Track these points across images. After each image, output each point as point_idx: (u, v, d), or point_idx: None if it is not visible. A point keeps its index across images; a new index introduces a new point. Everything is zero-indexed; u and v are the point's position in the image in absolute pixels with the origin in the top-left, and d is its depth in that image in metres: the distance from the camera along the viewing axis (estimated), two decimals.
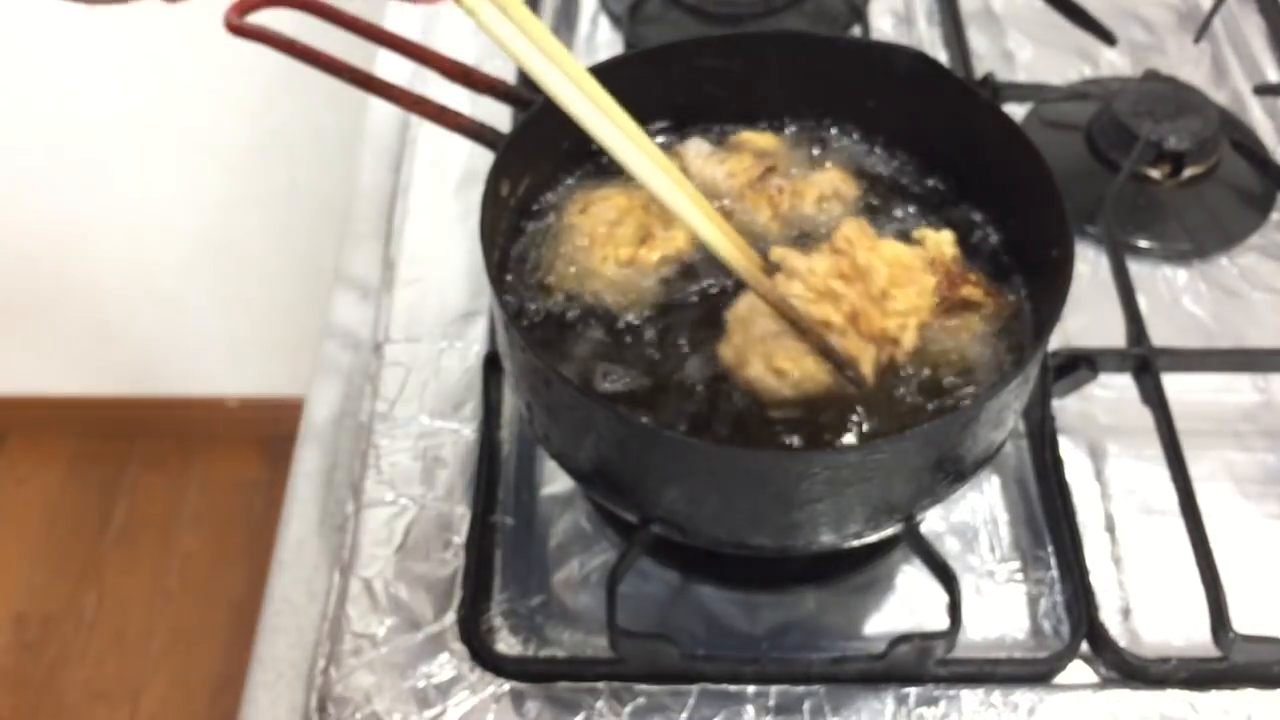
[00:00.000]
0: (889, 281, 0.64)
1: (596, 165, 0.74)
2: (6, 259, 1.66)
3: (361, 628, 0.67)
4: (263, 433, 1.83)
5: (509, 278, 0.69)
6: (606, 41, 1.02)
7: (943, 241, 0.68)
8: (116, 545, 1.83)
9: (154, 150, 1.53)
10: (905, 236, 0.69)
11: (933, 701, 0.64)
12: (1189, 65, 1.00)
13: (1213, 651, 0.65)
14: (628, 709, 0.64)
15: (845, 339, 0.63)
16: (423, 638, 0.66)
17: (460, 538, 0.70)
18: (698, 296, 0.67)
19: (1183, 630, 0.68)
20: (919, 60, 0.72)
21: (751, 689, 0.64)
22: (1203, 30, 1.03)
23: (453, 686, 0.65)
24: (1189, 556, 0.66)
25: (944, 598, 0.64)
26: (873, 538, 0.63)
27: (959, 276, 0.67)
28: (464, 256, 0.85)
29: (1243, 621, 0.65)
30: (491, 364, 0.76)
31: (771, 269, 0.65)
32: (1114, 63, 1.01)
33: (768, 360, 0.62)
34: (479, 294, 0.82)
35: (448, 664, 0.65)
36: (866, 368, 0.62)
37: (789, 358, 0.62)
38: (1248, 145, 0.91)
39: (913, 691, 0.64)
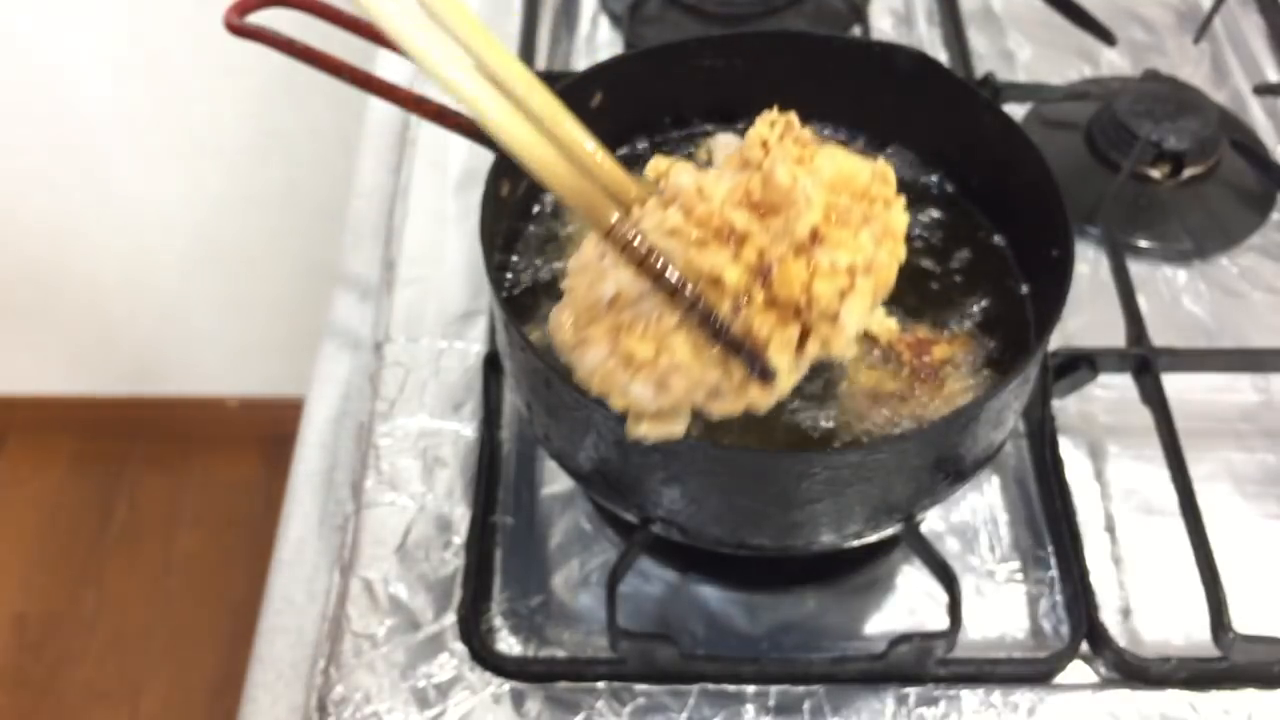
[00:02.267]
0: (826, 216, 0.43)
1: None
2: (6, 259, 1.66)
3: (361, 628, 0.67)
4: (263, 433, 1.83)
5: (509, 277, 0.69)
6: (606, 41, 1.02)
7: (882, 321, 0.63)
8: (116, 545, 1.83)
9: (154, 150, 1.53)
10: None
11: (933, 701, 0.64)
12: (1189, 65, 1.00)
13: (1213, 651, 0.65)
14: (628, 709, 0.64)
15: (749, 308, 0.43)
16: (423, 638, 0.66)
17: (460, 538, 0.70)
18: None
19: (1183, 630, 0.68)
20: (919, 60, 0.72)
21: (751, 689, 0.64)
22: (1203, 30, 1.03)
23: (453, 686, 0.65)
24: (1189, 557, 0.66)
25: (944, 598, 0.64)
26: (873, 538, 0.63)
27: (917, 343, 0.64)
28: (464, 256, 0.85)
29: (1243, 621, 0.65)
30: (491, 364, 0.76)
31: (645, 191, 0.46)
32: (1114, 62, 1.01)
33: (615, 340, 0.44)
34: (479, 294, 0.82)
35: (448, 664, 0.65)
36: (780, 356, 0.43)
37: (650, 336, 0.43)
38: (1248, 145, 0.91)
39: (913, 691, 0.64)
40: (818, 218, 0.43)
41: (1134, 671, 0.65)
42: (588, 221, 0.43)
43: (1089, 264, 0.85)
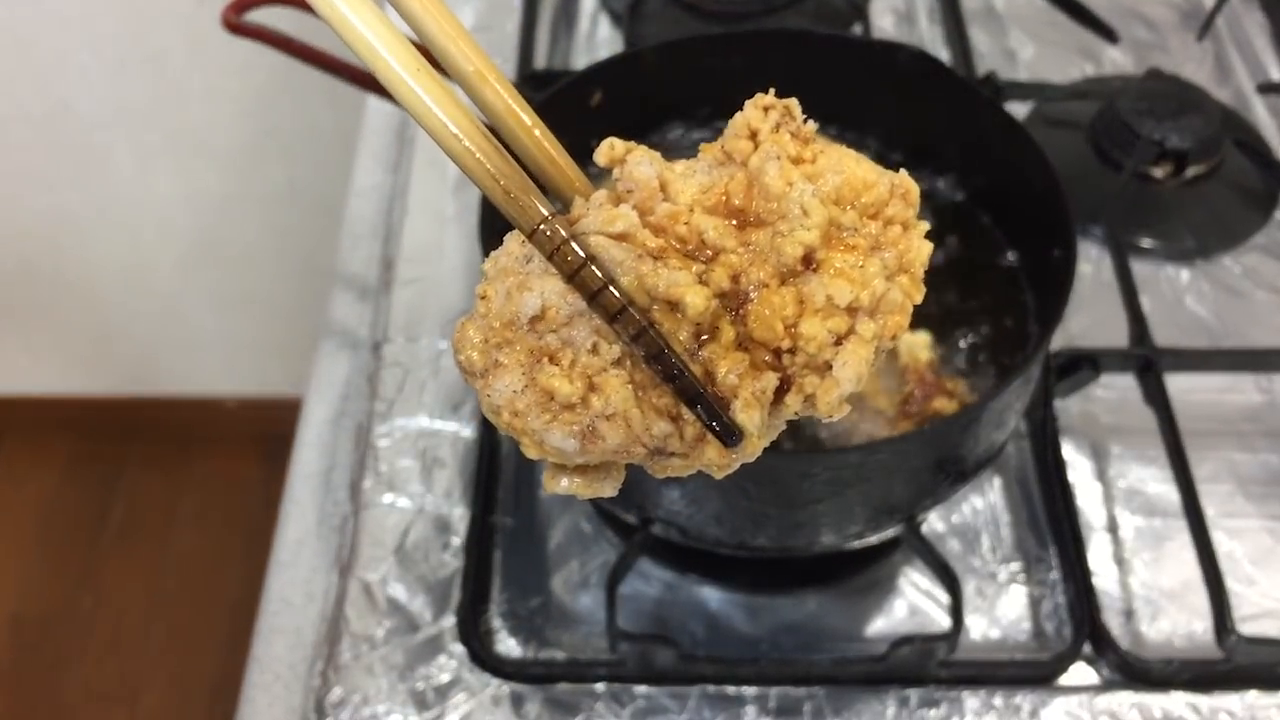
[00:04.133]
0: (826, 236, 0.34)
1: (596, 165, 0.74)
2: (4, 258, 1.65)
3: (360, 629, 0.66)
4: (261, 433, 1.82)
5: None
6: (606, 40, 1.02)
7: (917, 345, 0.60)
8: (114, 546, 1.82)
9: (152, 150, 1.52)
10: None
11: (934, 703, 0.64)
12: (1192, 64, 1.00)
13: (1215, 653, 0.65)
14: (627, 710, 0.63)
15: (713, 346, 0.34)
16: (421, 639, 0.66)
17: (460, 538, 0.70)
18: None
19: (1185, 631, 0.67)
20: (920, 59, 0.72)
21: (752, 691, 0.64)
22: (1205, 28, 1.02)
23: (452, 688, 0.64)
24: (1192, 558, 0.66)
25: (946, 599, 0.64)
26: (874, 539, 0.62)
27: (935, 386, 0.62)
28: (462, 256, 0.84)
29: (1245, 623, 0.64)
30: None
31: (594, 180, 0.37)
32: (1116, 61, 1.00)
33: (533, 371, 0.34)
34: None
35: (447, 666, 0.65)
36: (750, 412, 0.33)
37: (579, 371, 0.34)
38: (1251, 144, 0.91)
39: (914, 693, 0.64)
40: (814, 237, 0.33)
41: (1136, 673, 0.64)
42: (507, 213, 0.33)
43: (1091, 263, 0.84)
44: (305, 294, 1.58)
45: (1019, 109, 0.93)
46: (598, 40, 1.02)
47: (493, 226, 0.65)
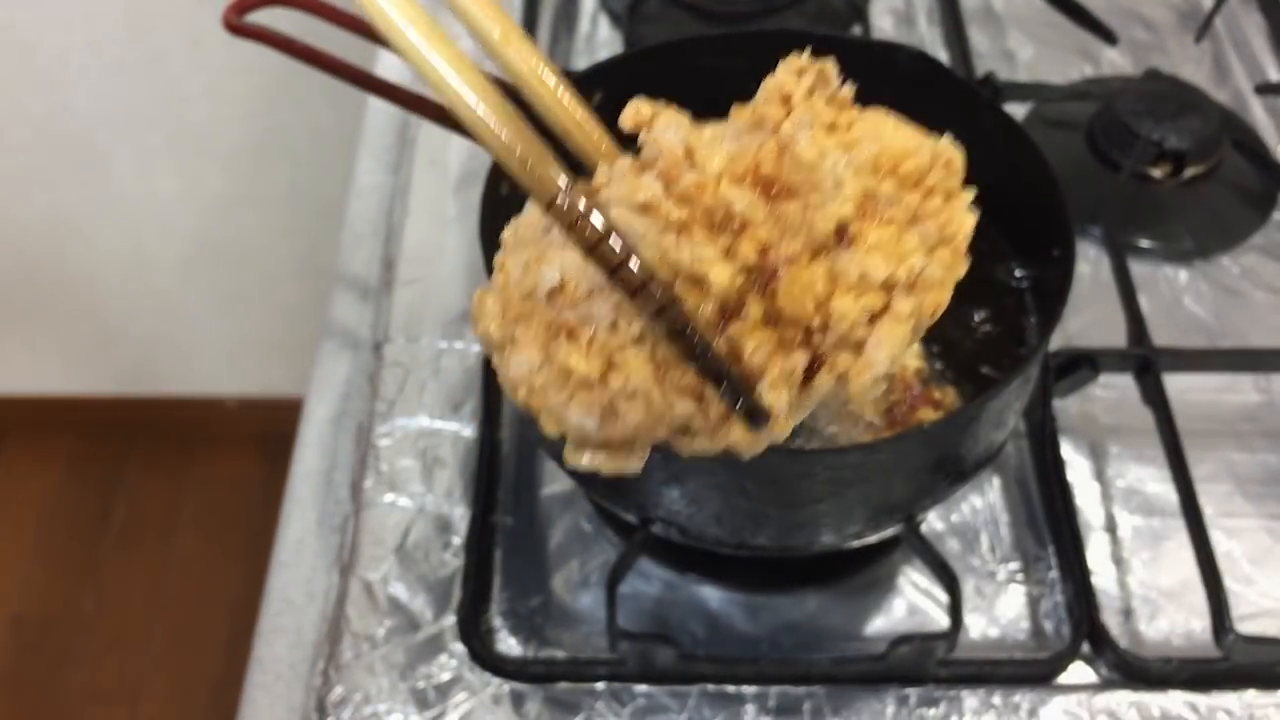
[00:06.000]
0: (861, 208, 0.32)
1: None
2: (5, 258, 1.65)
3: (361, 628, 0.67)
4: (262, 433, 1.82)
5: None
6: (606, 40, 1.02)
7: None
8: (115, 546, 1.83)
9: (153, 150, 1.52)
10: None
11: (933, 702, 0.64)
12: (1190, 64, 1.00)
13: (1214, 652, 0.65)
14: (628, 710, 0.64)
15: (739, 323, 0.32)
16: (422, 638, 0.66)
17: (460, 538, 0.70)
18: None
19: (1184, 631, 0.67)
20: (919, 59, 0.72)
21: (751, 690, 0.64)
22: (1204, 29, 1.02)
23: (452, 687, 0.64)
24: (1190, 557, 0.66)
25: (945, 598, 0.64)
26: (873, 538, 0.62)
27: (921, 398, 0.60)
28: (463, 256, 0.84)
29: (1244, 622, 0.65)
30: (491, 364, 0.76)
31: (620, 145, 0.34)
32: (1115, 62, 1.00)
33: (551, 347, 0.33)
34: None
35: (447, 665, 0.65)
36: (777, 392, 0.32)
37: (598, 348, 0.32)
38: (1249, 145, 0.91)
39: (913, 692, 0.64)
40: (849, 209, 0.32)
41: (1135, 672, 0.65)
42: (523, 184, 0.31)
43: (1090, 264, 0.85)
44: (306, 294, 1.58)
45: (1018, 109, 0.93)
46: (598, 41, 1.02)
47: (494, 227, 0.65)
